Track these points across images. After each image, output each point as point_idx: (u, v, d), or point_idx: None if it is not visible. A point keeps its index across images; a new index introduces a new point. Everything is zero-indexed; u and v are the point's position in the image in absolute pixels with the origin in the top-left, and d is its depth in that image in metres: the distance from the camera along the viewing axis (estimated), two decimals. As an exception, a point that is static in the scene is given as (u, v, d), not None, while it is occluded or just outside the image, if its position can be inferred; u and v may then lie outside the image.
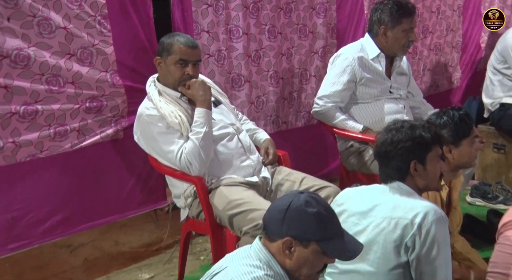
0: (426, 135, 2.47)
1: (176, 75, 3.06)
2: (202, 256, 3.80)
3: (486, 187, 4.54)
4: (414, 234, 2.31)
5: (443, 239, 2.35)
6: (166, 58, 3.06)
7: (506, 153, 4.70)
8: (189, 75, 3.06)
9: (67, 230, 3.41)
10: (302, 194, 2.04)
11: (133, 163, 3.59)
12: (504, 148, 4.71)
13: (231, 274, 1.96)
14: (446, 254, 2.37)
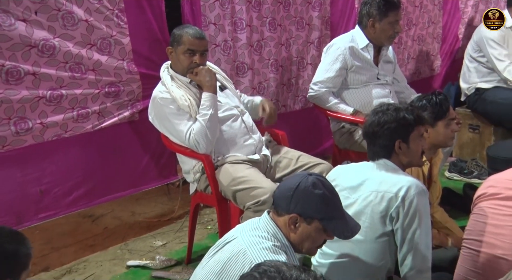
0: (409, 117, 2.48)
1: (185, 63, 3.07)
2: (209, 226, 3.82)
3: (463, 163, 4.58)
4: (398, 206, 2.34)
5: (424, 210, 2.38)
6: (177, 48, 3.08)
7: (480, 132, 4.74)
8: (196, 64, 3.06)
9: (89, 202, 3.44)
10: (311, 175, 2.07)
11: (147, 142, 3.60)
12: (479, 128, 4.74)
13: (242, 243, 1.98)
14: (426, 223, 2.41)
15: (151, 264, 3.35)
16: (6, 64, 2.90)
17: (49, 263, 3.40)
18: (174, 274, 3.24)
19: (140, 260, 3.40)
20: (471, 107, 4.73)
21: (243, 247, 1.96)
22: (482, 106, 4.62)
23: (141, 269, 3.33)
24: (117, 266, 3.38)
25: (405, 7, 4.87)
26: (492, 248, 2.49)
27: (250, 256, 1.92)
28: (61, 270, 3.34)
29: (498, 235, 2.48)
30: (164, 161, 3.73)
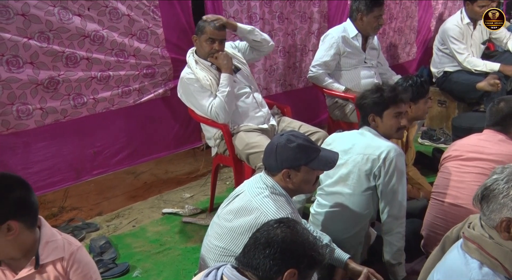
0: (385, 96, 2.46)
1: (206, 50, 3.05)
2: (228, 182, 3.84)
3: (432, 132, 4.60)
4: (380, 166, 2.37)
5: (401, 169, 2.40)
6: (200, 36, 3.06)
7: (447, 107, 4.73)
8: (215, 50, 3.04)
9: (131, 162, 3.47)
10: (282, 135, 2.07)
11: (177, 114, 3.59)
12: (446, 103, 4.73)
13: (248, 195, 2.03)
14: (403, 180, 2.42)
15: (181, 211, 3.39)
16: (66, 51, 2.94)
17: (102, 209, 3.47)
18: (199, 220, 3.29)
19: (172, 208, 3.43)
20: (439, 86, 4.71)
21: (249, 198, 2.02)
22: (448, 86, 4.62)
23: (173, 215, 3.37)
24: (154, 213, 3.42)
25: (388, 3, 4.85)
26: (455, 199, 2.57)
27: (255, 204, 1.98)
28: (111, 215, 3.40)
29: (460, 188, 2.56)
30: (191, 129, 3.73)
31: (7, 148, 2.87)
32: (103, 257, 2.86)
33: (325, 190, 2.57)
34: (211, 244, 2.14)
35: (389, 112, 2.48)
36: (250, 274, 1.51)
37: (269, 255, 1.47)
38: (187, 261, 2.89)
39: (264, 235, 1.51)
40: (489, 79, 4.22)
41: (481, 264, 1.55)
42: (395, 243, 2.46)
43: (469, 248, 1.60)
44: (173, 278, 2.74)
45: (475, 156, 2.58)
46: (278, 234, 1.50)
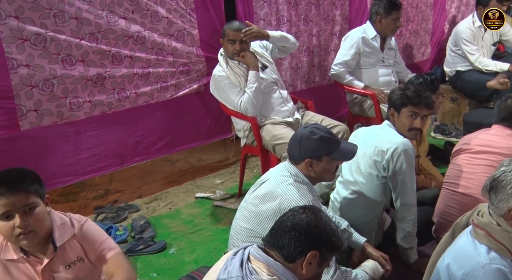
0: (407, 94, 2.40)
1: (230, 50, 3.03)
2: (255, 170, 3.85)
3: (444, 126, 4.54)
4: (388, 159, 2.35)
5: (409, 162, 2.36)
6: (224, 39, 3.05)
7: (458, 103, 4.67)
8: (237, 50, 3.00)
9: (169, 150, 3.48)
10: (306, 127, 2.06)
11: (210, 108, 3.59)
12: (457, 100, 4.67)
13: (273, 182, 2.05)
14: (411, 172, 2.38)
15: (213, 196, 3.40)
16: (112, 50, 2.98)
17: (142, 192, 3.50)
18: (229, 204, 3.30)
19: (204, 193, 3.45)
20: (452, 84, 4.65)
21: (274, 185, 2.03)
22: (460, 84, 4.56)
23: (206, 200, 3.39)
24: (188, 197, 3.45)
25: (405, 7, 4.80)
26: (465, 189, 2.54)
27: (280, 190, 1.99)
28: (150, 197, 3.44)
29: (470, 179, 2.53)
30: (222, 122, 3.73)
31: (62, 136, 2.93)
32: (143, 235, 2.91)
33: (344, 179, 2.57)
34: (239, 226, 2.16)
35: (406, 110, 2.42)
36: (276, 254, 1.52)
37: (294, 237, 1.48)
38: (217, 241, 2.91)
39: (290, 219, 1.52)
40: (498, 78, 4.18)
41: (489, 249, 1.54)
42: (408, 229, 2.45)
43: (478, 234, 1.59)
44: (204, 255, 2.77)
45: (484, 149, 2.55)
46: (303, 218, 1.50)
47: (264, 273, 1.48)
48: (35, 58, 2.70)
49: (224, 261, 1.57)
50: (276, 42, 3.21)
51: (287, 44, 3.23)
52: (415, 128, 2.44)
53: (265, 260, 1.50)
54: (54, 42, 2.74)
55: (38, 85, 2.75)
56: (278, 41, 3.20)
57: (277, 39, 3.18)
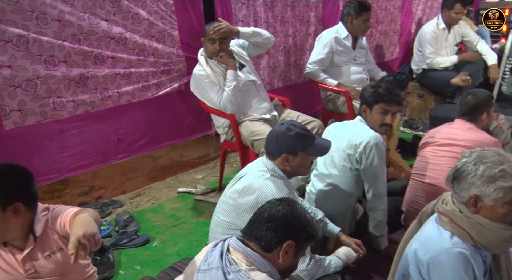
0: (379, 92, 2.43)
1: (209, 49, 3.01)
2: (234, 165, 3.85)
3: (412, 121, 4.60)
4: (361, 152, 2.38)
5: (380, 155, 2.39)
6: (204, 38, 3.03)
7: (425, 99, 4.74)
8: (216, 50, 2.98)
9: (151, 147, 3.46)
10: (283, 124, 2.06)
11: (190, 106, 3.56)
12: (424, 96, 4.74)
13: (251, 177, 2.06)
14: (382, 164, 2.42)
15: (194, 190, 3.39)
16: (94, 51, 2.94)
17: (125, 188, 3.48)
18: (210, 198, 3.29)
19: (186, 188, 3.43)
20: (419, 82, 4.72)
21: (252, 179, 2.04)
22: (426, 81, 4.63)
23: (187, 194, 3.37)
24: (171, 192, 3.43)
25: (375, 9, 4.84)
26: (431, 179, 2.59)
27: (257, 185, 2.00)
28: (133, 193, 3.42)
29: (435, 170, 2.58)
30: (202, 119, 3.71)
31: (46, 135, 2.89)
32: (127, 229, 2.89)
33: (319, 172, 2.59)
34: (218, 219, 2.16)
35: (378, 107, 2.45)
36: (254, 244, 1.52)
37: (271, 228, 1.49)
38: (199, 233, 2.91)
39: (267, 211, 1.53)
40: (461, 76, 4.29)
41: (452, 235, 1.57)
42: (379, 218, 2.49)
43: (442, 221, 1.62)
44: (186, 247, 2.76)
45: (448, 142, 2.60)
46: (279, 210, 1.52)
47: (243, 263, 1.48)
48: (18, 59, 2.65)
49: (204, 253, 1.58)
50: (248, 38, 3.17)
51: (260, 40, 3.19)
52: (386, 124, 2.47)
53: (243, 250, 1.51)
54: (36, 43, 2.70)
55: (21, 86, 2.71)
56: (250, 37, 3.16)
57: (248, 35, 3.15)
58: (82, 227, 1.50)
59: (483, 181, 1.50)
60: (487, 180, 1.49)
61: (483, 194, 1.50)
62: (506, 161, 1.51)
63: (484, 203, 1.52)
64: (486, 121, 2.66)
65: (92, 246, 1.48)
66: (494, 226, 1.52)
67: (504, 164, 1.50)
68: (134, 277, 2.47)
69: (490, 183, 1.49)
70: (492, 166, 1.50)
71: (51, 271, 1.71)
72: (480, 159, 1.52)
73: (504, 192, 1.48)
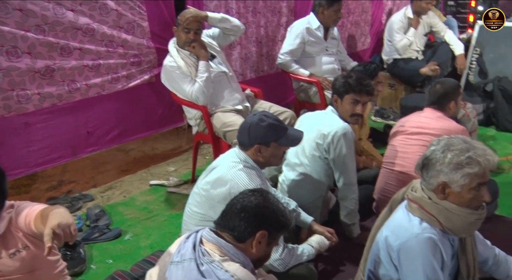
0: (349, 82, 2.44)
1: (183, 39, 2.98)
2: (207, 156, 3.83)
3: (383, 110, 4.67)
4: (329, 142, 2.40)
5: (348, 145, 2.41)
6: (178, 27, 2.99)
7: (395, 89, 4.82)
8: (190, 39, 2.96)
9: (122, 140, 3.43)
10: (255, 115, 2.06)
11: (162, 97, 3.53)
12: (395, 86, 4.82)
13: (223, 168, 2.05)
14: (351, 154, 2.44)
15: (167, 183, 3.38)
16: (60, 42, 2.87)
17: (96, 182, 3.43)
18: (182, 190, 3.28)
19: (159, 180, 3.42)
20: (389, 71, 4.78)
21: (224, 170, 2.03)
22: (397, 71, 4.70)
23: (160, 186, 3.36)
24: (143, 184, 3.41)
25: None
26: (401, 167, 2.63)
27: (230, 176, 2.00)
28: (104, 186, 3.38)
29: (405, 158, 2.62)
30: (174, 111, 3.68)
31: (11, 129, 2.81)
32: (98, 223, 2.85)
33: (290, 161, 2.60)
34: (191, 210, 2.16)
35: (348, 97, 2.46)
36: (227, 235, 1.52)
37: (244, 218, 1.49)
38: (172, 225, 2.90)
39: (240, 201, 1.53)
40: (430, 66, 4.37)
41: (421, 220, 1.61)
42: (350, 206, 2.52)
43: (412, 208, 1.65)
44: (159, 240, 2.75)
45: (417, 131, 2.63)
46: (252, 200, 1.52)
47: (216, 254, 1.48)
48: (-24, 50, 2.56)
49: (177, 245, 1.57)
50: (217, 23, 3.13)
51: (229, 26, 3.15)
52: (356, 114, 2.48)
53: (216, 241, 1.50)
54: (-3, 34, 2.61)
55: (-19, 78, 2.62)
56: (219, 22, 3.12)
57: (217, 20, 3.10)
58: (57, 218, 1.45)
59: (451, 168, 1.53)
60: (455, 167, 1.53)
61: (451, 181, 1.54)
62: (472, 148, 1.55)
63: (452, 189, 1.55)
64: (454, 109, 2.70)
65: (67, 236, 1.43)
66: (461, 211, 1.56)
67: (470, 151, 1.53)
68: (106, 271, 2.44)
69: (457, 170, 1.52)
70: (459, 153, 1.53)
71: (15, 269, 1.67)
72: (448, 147, 1.56)
73: (470, 178, 1.52)
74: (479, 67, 4.70)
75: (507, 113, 4.35)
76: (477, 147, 1.55)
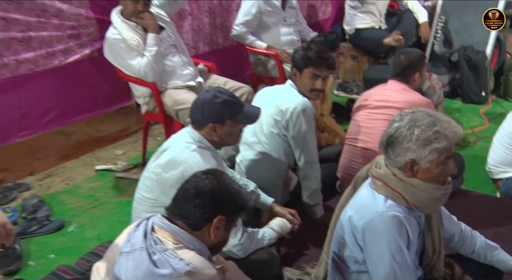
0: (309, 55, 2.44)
1: (131, 9, 2.92)
2: (159, 137, 3.78)
3: (346, 84, 4.71)
4: (288, 119, 2.41)
5: (308, 122, 2.42)
6: None
7: (358, 61, 4.87)
8: (139, 10, 2.92)
9: (62, 122, 3.37)
10: (209, 91, 2.05)
11: (106, 74, 3.43)
12: (358, 58, 4.87)
13: (175, 149, 2.03)
14: (311, 131, 2.46)
15: (115, 167, 3.35)
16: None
17: (33, 169, 3.35)
18: (132, 174, 3.26)
19: (105, 165, 3.38)
20: (352, 42, 4.83)
21: (176, 152, 2.01)
22: (359, 42, 4.75)
23: (107, 172, 3.33)
24: (87, 170, 3.36)
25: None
26: (365, 143, 2.67)
27: (183, 158, 1.98)
28: (43, 174, 3.31)
29: (369, 134, 2.65)
30: (120, 88, 3.59)
31: None
32: (37, 215, 2.78)
33: (247, 140, 2.60)
34: (142, 196, 2.13)
35: (308, 71, 2.46)
36: (181, 223, 1.50)
37: (199, 205, 1.46)
38: (121, 213, 2.86)
39: (193, 186, 1.50)
40: (393, 35, 4.43)
41: (386, 198, 1.63)
42: (312, 186, 2.55)
43: (376, 185, 1.67)
44: (108, 230, 2.72)
45: (382, 104, 2.67)
46: (206, 184, 1.49)
47: (169, 242, 1.46)
48: None
49: (126, 234, 1.54)
50: None
51: None
52: (317, 89, 2.50)
53: (170, 228, 1.48)
54: None
55: None
56: None
57: None
58: None
59: (419, 145, 1.55)
60: (423, 143, 1.55)
61: (419, 158, 1.56)
62: (437, 121, 1.57)
63: (420, 166, 1.58)
64: (418, 81, 2.76)
65: (3, 238, 1.38)
66: (427, 186, 1.59)
67: (436, 125, 1.55)
68: (47, 267, 2.39)
69: (425, 146, 1.55)
70: (426, 128, 1.55)
71: None
72: (414, 122, 1.57)
73: (439, 153, 1.55)
74: (444, 36, 4.81)
75: (472, 84, 4.49)
76: (442, 120, 1.58)
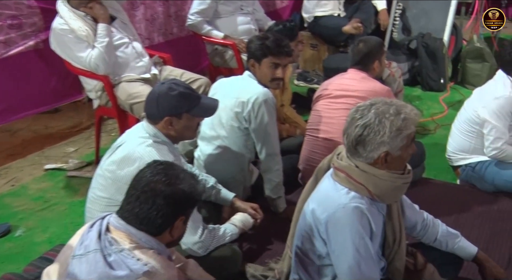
0: (267, 44, 2.46)
1: None
2: (113, 133, 3.77)
3: (307, 73, 4.75)
4: (249, 110, 2.42)
5: (269, 113, 2.43)
6: None
7: (318, 50, 4.90)
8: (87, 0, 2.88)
9: (5, 119, 3.29)
10: (164, 84, 2.03)
11: (54, 67, 3.37)
12: (317, 46, 4.90)
13: (130, 145, 2.00)
14: (273, 122, 2.47)
15: (66, 166, 3.30)
16: None
17: (-27, 171, 3.27)
18: (85, 173, 3.22)
19: (56, 164, 3.33)
20: (311, 30, 4.84)
21: (131, 147, 1.98)
22: (318, 30, 4.77)
23: (57, 171, 3.28)
24: (36, 170, 3.31)
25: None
26: (327, 133, 2.70)
27: (138, 154, 1.94)
28: None
29: (330, 124, 2.69)
30: (70, 82, 3.52)
31: None
32: (-21, 220, 2.70)
33: (205, 134, 2.60)
34: (96, 195, 2.10)
35: (267, 61, 2.48)
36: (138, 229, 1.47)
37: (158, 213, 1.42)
38: (74, 214, 2.83)
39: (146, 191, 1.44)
40: (352, 23, 4.48)
41: (349, 190, 1.65)
42: (274, 179, 2.57)
43: (339, 177, 1.69)
44: (60, 232, 2.69)
45: (342, 94, 2.71)
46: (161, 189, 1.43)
47: (125, 241, 1.43)
48: None
49: (80, 235, 1.50)
50: None
51: None
52: (277, 78, 2.51)
53: (126, 229, 1.44)
54: None
55: None
56: None
57: None
58: None
59: (393, 136, 1.58)
60: (396, 133, 1.58)
61: (392, 148, 1.60)
62: (399, 107, 1.61)
63: (393, 155, 1.61)
64: (378, 69, 2.82)
65: None
66: (388, 176, 1.63)
67: (401, 112, 1.59)
68: (-9, 276, 2.33)
69: (398, 135, 1.59)
70: (395, 118, 1.58)
71: None
72: (382, 115, 1.59)
73: (408, 138, 1.61)
74: (402, 24, 4.93)
75: (431, 71, 4.62)
76: (401, 104, 1.63)
